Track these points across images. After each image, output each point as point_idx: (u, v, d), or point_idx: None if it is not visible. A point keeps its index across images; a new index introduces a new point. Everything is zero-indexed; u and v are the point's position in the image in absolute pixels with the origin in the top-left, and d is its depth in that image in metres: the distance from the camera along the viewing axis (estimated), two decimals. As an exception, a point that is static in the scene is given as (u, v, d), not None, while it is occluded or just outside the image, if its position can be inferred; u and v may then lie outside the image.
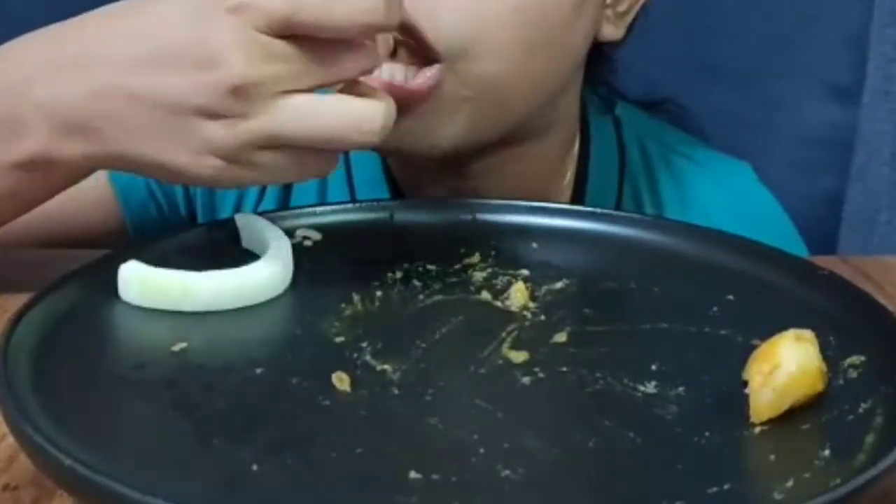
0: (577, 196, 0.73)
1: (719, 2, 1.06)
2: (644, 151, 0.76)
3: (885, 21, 1.05)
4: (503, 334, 0.47)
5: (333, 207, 0.60)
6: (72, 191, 0.70)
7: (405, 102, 0.55)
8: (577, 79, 0.70)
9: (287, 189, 0.74)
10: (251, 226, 0.55)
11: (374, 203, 0.60)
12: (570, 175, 0.73)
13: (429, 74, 0.58)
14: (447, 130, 0.61)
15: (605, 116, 0.77)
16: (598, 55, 0.71)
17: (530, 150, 0.68)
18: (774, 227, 0.76)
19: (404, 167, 0.71)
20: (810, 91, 1.07)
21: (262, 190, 0.74)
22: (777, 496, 0.36)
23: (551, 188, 0.72)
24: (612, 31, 0.68)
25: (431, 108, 0.59)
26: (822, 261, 0.56)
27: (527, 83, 0.62)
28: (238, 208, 0.74)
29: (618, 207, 0.74)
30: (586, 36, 0.65)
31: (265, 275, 0.50)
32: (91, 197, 0.71)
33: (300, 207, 0.59)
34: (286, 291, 0.51)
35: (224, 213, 0.73)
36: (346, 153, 0.73)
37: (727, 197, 0.75)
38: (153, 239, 0.57)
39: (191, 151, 0.47)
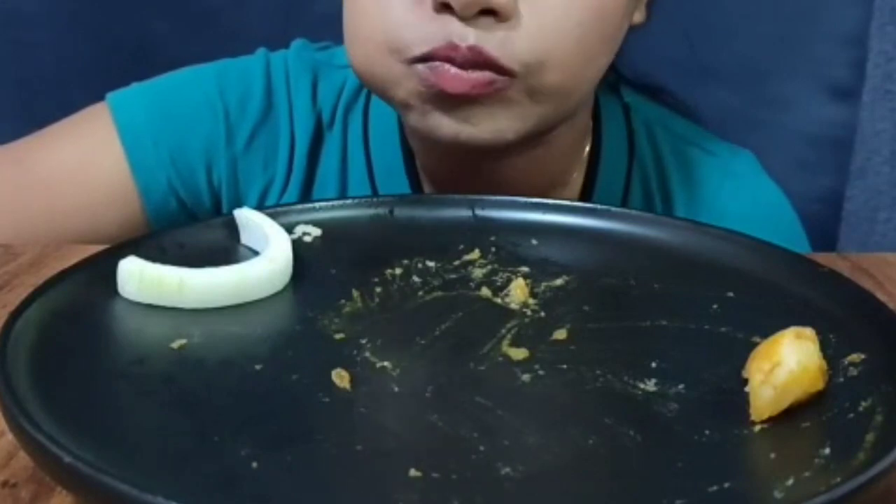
0: (590, 178, 0.74)
1: (719, 2, 1.06)
2: (652, 138, 0.77)
3: (884, 19, 1.05)
4: (503, 331, 0.47)
5: (332, 203, 0.60)
6: (94, 187, 0.72)
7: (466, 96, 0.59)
8: None
9: (309, 182, 0.75)
10: (250, 222, 0.55)
11: (374, 199, 0.60)
12: (584, 156, 0.75)
13: (489, 79, 0.60)
14: (515, 128, 0.63)
15: (613, 99, 0.78)
16: None
17: (558, 133, 0.69)
18: (780, 217, 0.77)
19: (433, 153, 0.71)
20: (810, 90, 1.07)
21: (286, 183, 0.74)
22: (777, 495, 0.36)
23: (568, 170, 0.74)
24: (638, 16, 0.70)
25: (499, 108, 0.61)
26: (821, 257, 0.56)
27: (585, 83, 0.65)
28: (262, 200, 0.75)
29: (627, 191, 0.74)
30: (626, 27, 0.67)
31: (265, 271, 0.50)
32: (113, 193, 0.72)
33: (299, 203, 0.59)
34: (285, 288, 0.51)
35: (249, 205, 0.73)
36: (366, 139, 0.74)
37: (735, 185, 0.76)
38: (152, 234, 0.57)
39: None
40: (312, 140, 0.75)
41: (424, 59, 0.59)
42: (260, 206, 0.72)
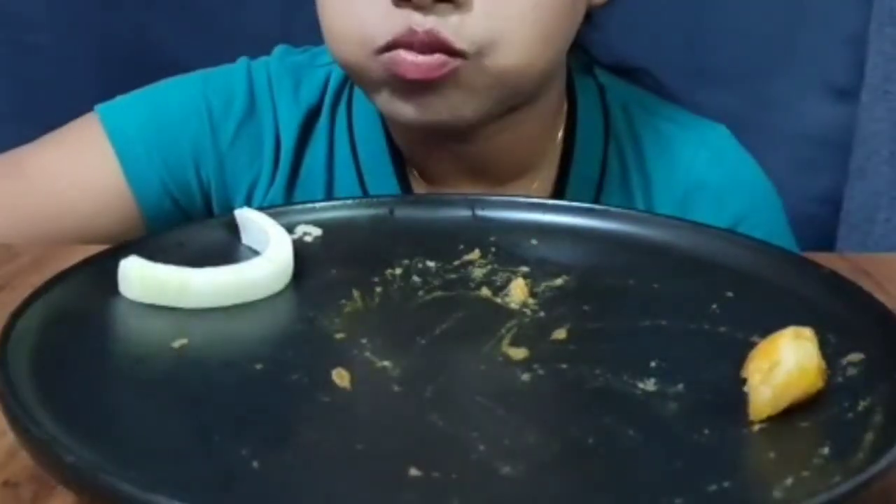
0: (566, 156, 0.75)
1: (719, 2, 1.06)
2: (627, 115, 0.79)
3: (883, 20, 1.05)
4: (503, 331, 0.47)
5: (333, 203, 0.60)
6: (90, 192, 0.74)
7: (422, 82, 0.61)
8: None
9: (295, 174, 0.76)
10: (251, 222, 0.55)
11: (374, 199, 0.61)
12: (560, 134, 0.76)
13: (441, 61, 0.61)
14: (471, 107, 0.65)
15: (587, 80, 0.79)
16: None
17: (530, 110, 0.71)
18: (756, 185, 0.79)
19: (410, 134, 0.73)
20: (809, 90, 1.07)
21: (273, 177, 0.76)
22: (776, 494, 0.36)
23: (542, 151, 0.75)
24: None
25: (454, 89, 0.63)
26: (821, 257, 0.56)
27: (543, 63, 0.66)
28: (250, 194, 0.76)
29: (604, 170, 0.75)
30: (584, 6, 0.69)
31: (265, 271, 0.50)
32: (108, 194, 0.74)
33: (300, 203, 0.60)
34: (286, 288, 0.51)
35: (237, 204, 0.75)
36: (351, 129, 0.76)
37: (710, 155, 0.77)
38: (153, 235, 0.57)
39: None
40: (299, 135, 0.76)
41: (388, 48, 0.62)
42: (248, 201, 0.74)
